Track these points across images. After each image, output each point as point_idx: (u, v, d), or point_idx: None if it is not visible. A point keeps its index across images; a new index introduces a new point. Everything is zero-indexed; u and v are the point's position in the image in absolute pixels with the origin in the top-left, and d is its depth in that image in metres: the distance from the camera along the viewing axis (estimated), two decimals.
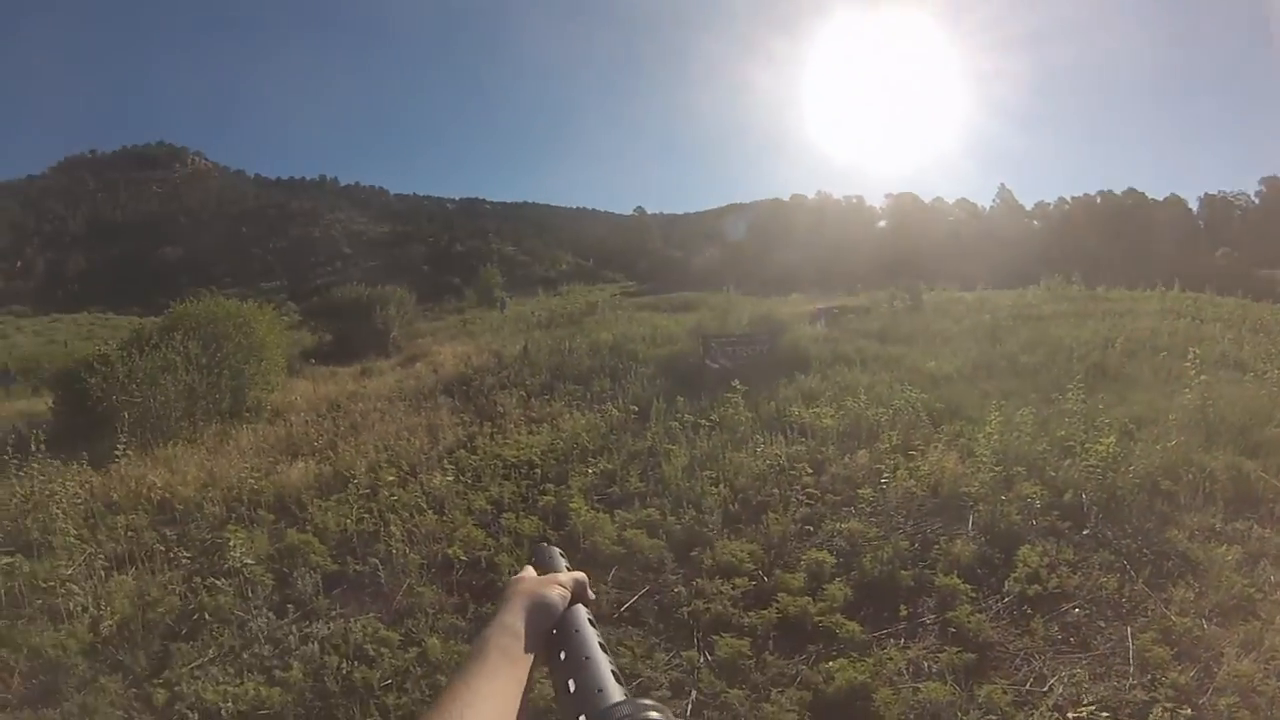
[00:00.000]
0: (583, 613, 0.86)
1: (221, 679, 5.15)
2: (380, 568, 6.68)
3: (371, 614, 6.04)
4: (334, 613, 6.11)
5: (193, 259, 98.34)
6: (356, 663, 5.29)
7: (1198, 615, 5.26)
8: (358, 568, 6.80)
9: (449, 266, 75.86)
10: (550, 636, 0.83)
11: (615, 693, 0.71)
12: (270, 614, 5.97)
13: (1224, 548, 6.07)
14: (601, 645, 0.79)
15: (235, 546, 6.65)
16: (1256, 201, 79.13)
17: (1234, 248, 64.61)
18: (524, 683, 0.78)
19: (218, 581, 6.33)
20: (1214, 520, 6.64)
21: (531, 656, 0.80)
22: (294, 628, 5.81)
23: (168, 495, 8.71)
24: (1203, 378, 9.45)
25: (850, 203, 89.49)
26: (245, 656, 5.48)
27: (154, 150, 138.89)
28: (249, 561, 6.56)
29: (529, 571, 0.94)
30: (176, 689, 5.05)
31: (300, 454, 10.56)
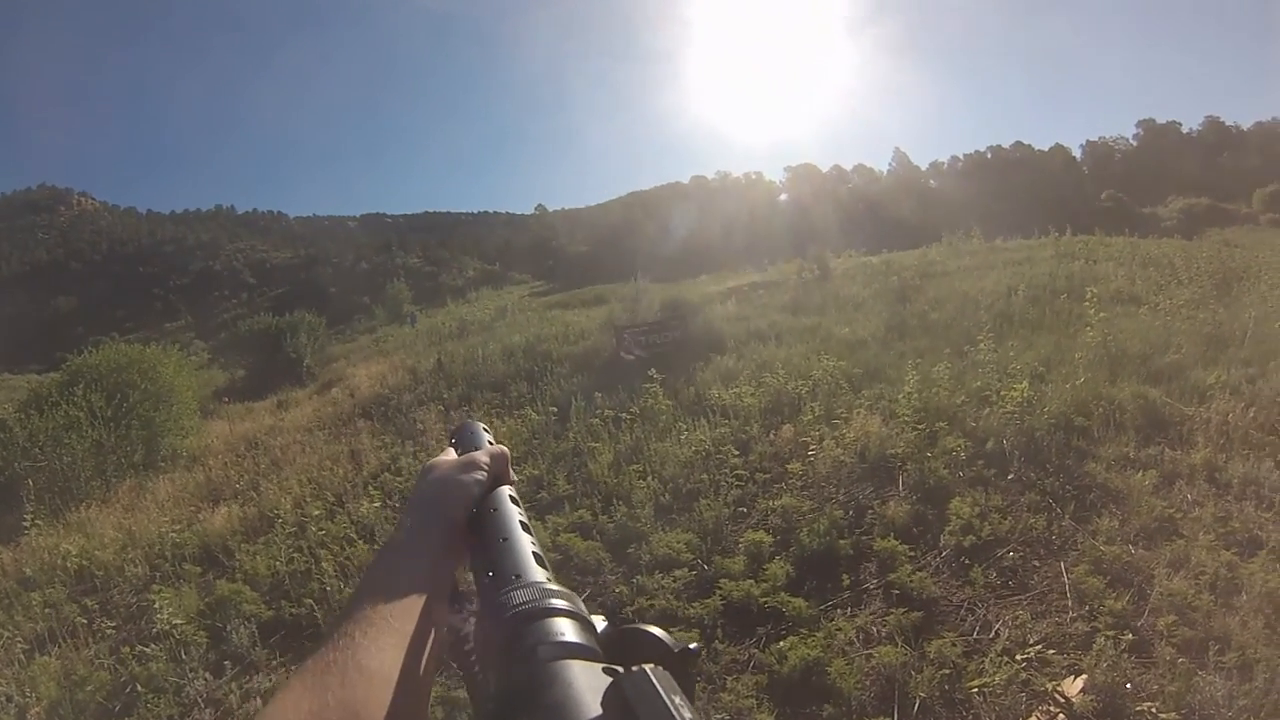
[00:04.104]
0: (504, 491, 0.77)
1: None
2: (316, 607, 6.37)
3: None
4: (274, 662, 5.80)
5: (89, 306, 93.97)
6: None
7: (1124, 542, 5.40)
8: (293, 611, 6.46)
9: (356, 285, 73.97)
10: (468, 522, 0.73)
11: (534, 575, 0.65)
12: (207, 674, 5.60)
13: (1140, 474, 6.26)
14: (523, 524, 0.72)
15: (162, 608, 6.24)
16: (1134, 144, 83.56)
17: (1117, 189, 67.75)
18: (439, 581, 0.69)
19: (147, 648, 5.92)
20: (1127, 449, 6.84)
21: (446, 550, 0.71)
22: (233, 685, 5.48)
23: (85, 562, 8.18)
24: (1102, 315, 9.79)
25: (750, 179, 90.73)
26: None
27: (35, 194, 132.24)
28: (178, 622, 6.16)
29: (448, 454, 0.83)
30: None
31: (222, 498, 10.20)
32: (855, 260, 24.93)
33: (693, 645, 0.56)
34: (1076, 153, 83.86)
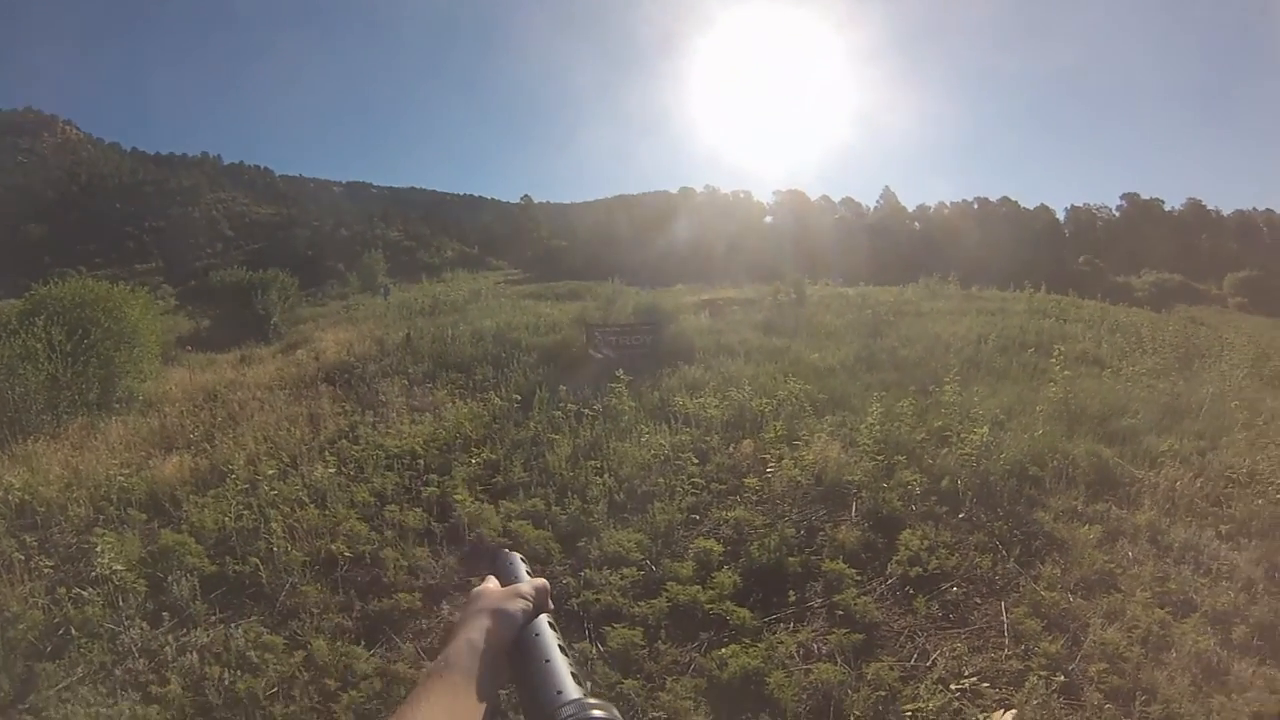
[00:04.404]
0: (544, 620, 0.87)
1: (93, 700, 4.66)
2: (261, 567, 6.26)
3: (254, 617, 5.67)
4: (213, 618, 5.70)
5: (59, 237, 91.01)
6: (239, 672, 4.94)
7: (1064, 590, 5.56)
8: (237, 568, 6.34)
9: (334, 251, 72.57)
10: (513, 647, 0.84)
11: (573, 692, 0.74)
12: (144, 624, 5.47)
13: (1086, 527, 6.44)
14: (562, 648, 0.82)
15: (103, 551, 6.07)
16: (1117, 215, 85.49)
17: (1095, 255, 69.19)
18: (488, 697, 0.79)
19: (84, 591, 5.77)
20: (1076, 503, 7.03)
21: (494, 671, 0.81)
22: (170, 637, 5.35)
23: (27, 497, 7.87)
24: (1066, 373, 10.01)
25: (738, 197, 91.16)
26: (118, 673, 5.01)
27: (19, 117, 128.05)
28: (118, 567, 5.99)
29: (491, 582, 0.95)
30: (44, 714, 4.56)
31: (175, 447, 9.89)
32: (832, 290, 25.11)
33: None
34: (1060, 215, 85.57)
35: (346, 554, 6.53)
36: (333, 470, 8.35)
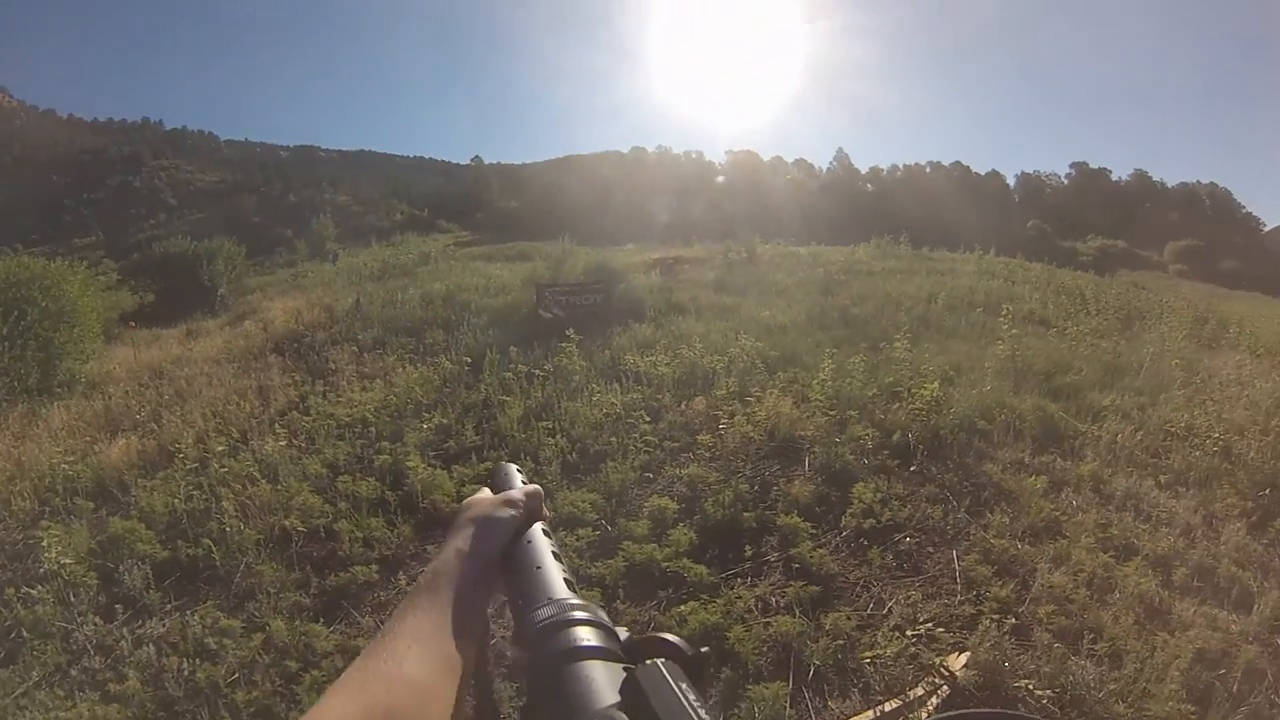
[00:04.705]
0: (538, 526, 0.83)
1: (50, 704, 4.49)
2: (214, 548, 6.07)
3: (209, 602, 5.49)
4: (168, 606, 5.51)
5: None
6: (198, 660, 4.77)
7: (1013, 537, 5.69)
8: (190, 551, 6.14)
9: (281, 217, 71.01)
10: (504, 554, 0.80)
11: (563, 595, 0.71)
12: (97, 619, 5.27)
13: (1032, 478, 6.60)
14: (554, 554, 0.78)
15: (50, 546, 5.81)
16: (1065, 182, 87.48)
17: (1043, 220, 70.83)
18: (478, 606, 0.75)
19: (34, 590, 5.52)
20: (1023, 455, 7.19)
21: (484, 579, 0.77)
22: (125, 631, 5.15)
23: None
24: (1013, 331, 10.18)
25: (690, 157, 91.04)
26: (74, 673, 4.81)
27: None
28: (67, 561, 5.75)
29: (484, 493, 0.90)
30: None
31: (121, 429, 9.57)
32: (783, 249, 25.19)
33: (704, 649, 0.63)
34: (1010, 180, 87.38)
35: (300, 529, 6.38)
36: (283, 443, 8.20)
